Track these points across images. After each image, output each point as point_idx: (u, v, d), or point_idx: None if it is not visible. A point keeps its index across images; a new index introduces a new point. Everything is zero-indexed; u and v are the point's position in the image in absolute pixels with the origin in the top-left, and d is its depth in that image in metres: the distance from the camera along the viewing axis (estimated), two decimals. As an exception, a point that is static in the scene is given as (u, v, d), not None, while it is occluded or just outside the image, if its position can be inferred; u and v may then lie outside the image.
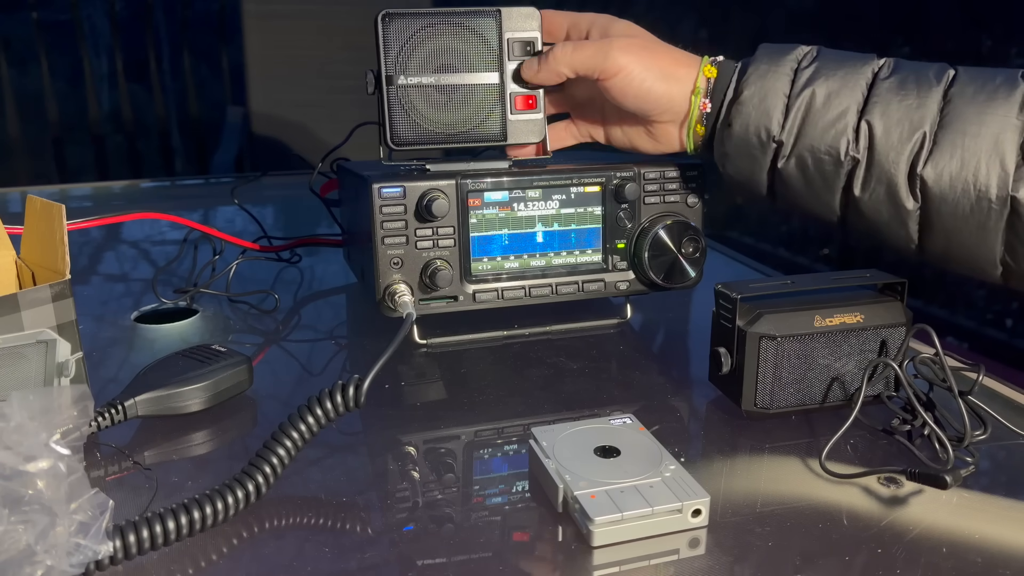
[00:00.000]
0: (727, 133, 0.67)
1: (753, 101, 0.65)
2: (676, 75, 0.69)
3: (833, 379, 0.62)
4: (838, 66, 0.64)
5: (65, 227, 0.58)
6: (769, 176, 0.67)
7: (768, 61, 0.66)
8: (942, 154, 0.59)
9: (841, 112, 0.62)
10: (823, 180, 0.64)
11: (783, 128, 0.64)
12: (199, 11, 3.08)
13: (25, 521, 0.41)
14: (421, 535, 0.49)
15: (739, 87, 0.66)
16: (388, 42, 0.70)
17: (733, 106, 0.66)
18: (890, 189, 0.61)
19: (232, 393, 0.64)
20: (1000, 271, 0.60)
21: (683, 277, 0.76)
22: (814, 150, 0.63)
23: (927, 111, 0.60)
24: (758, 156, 0.66)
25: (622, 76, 0.68)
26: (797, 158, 0.64)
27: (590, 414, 0.64)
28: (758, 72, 0.65)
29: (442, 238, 0.71)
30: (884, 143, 0.61)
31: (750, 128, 0.65)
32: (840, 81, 0.63)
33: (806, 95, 0.63)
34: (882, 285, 0.65)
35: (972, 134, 0.58)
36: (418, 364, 0.74)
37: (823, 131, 0.63)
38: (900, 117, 0.61)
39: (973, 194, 0.58)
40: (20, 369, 0.55)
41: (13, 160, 2.85)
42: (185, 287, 0.92)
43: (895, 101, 0.61)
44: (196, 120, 3.13)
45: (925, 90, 0.61)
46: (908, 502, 0.53)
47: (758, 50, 0.68)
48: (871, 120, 0.61)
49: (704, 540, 0.49)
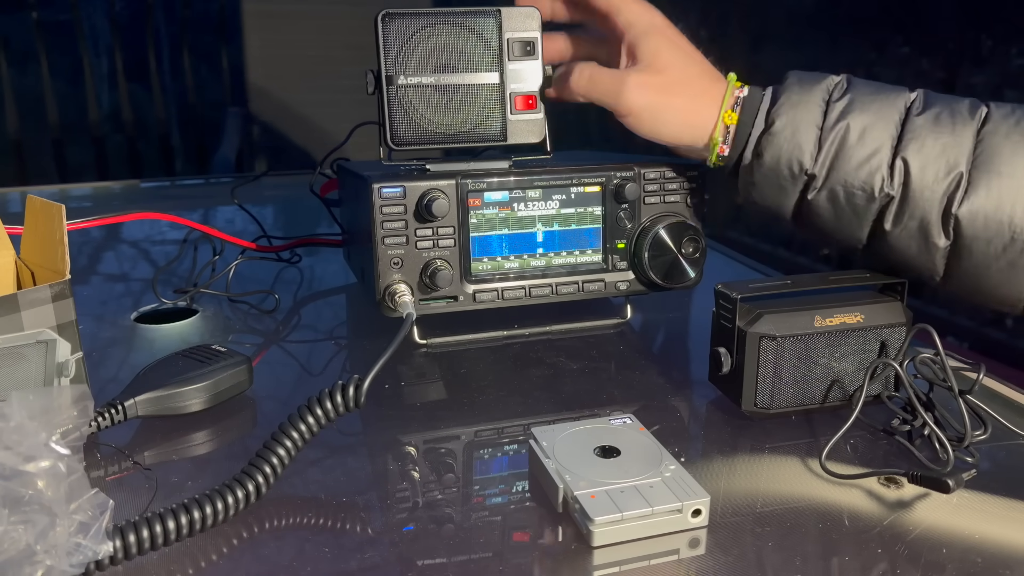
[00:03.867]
0: (758, 163, 0.65)
1: (785, 133, 0.64)
2: (692, 123, 0.67)
3: (833, 379, 0.62)
4: (871, 100, 0.63)
5: (65, 227, 0.58)
6: (796, 207, 0.66)
7: (800, 90, 0.64)
8: (977, 194, 0.59)
9: (876, 148, 0.62)
10: (854, 213, 0.63)
11: (816, 161, 0.63)
12: (199, 11, 3.08)
13: (25, 521, 0.41)
14: (421, 535, 0.49)
15: (770, 117, 0.65)
16: (388, 42, 0.70)
17: (764, 136, 0.65)
18: (922, 226, 0.61)
19: (232, 393, 0.64)
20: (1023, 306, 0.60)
21: (683, 277, 0.76)
22: (847, 185, 0.62)
23: (962, 149, 0.60)
24: (788, 187, 0.65)
25: (633, 119, 0.68)
26: (829, 191, 0.63)
27: (590, 414, 0.64)
28: (790, 102, 0.64)
29: (442, 238, 0.71)
30: (920, 181, 0.60)
31: (782, 160, 0.64)
32: (874, 115, 0.62)
33: (840, 129, 0.62)
34: (882, 285, 0.65)
35: (1008, 174, 0.58)
36: (418, 364, 0.74)
37: (857, 167, 0.62)
38: (936, 155, 0.60)
39: (1008, 234, 0.58)
40: (20, 369, 0.55)
41: (13, 160, 2.84)
42: (185, 287, 0.92)
43: (931, 138, 0.61)
44: (196, 120, 3.13)
45: (960, 127, 0.60)
46: (908, 503, 0.53)
47: (788, 77, 0.66)
48: (907, 157, 0.61)
49: (704, 540, 0.49)
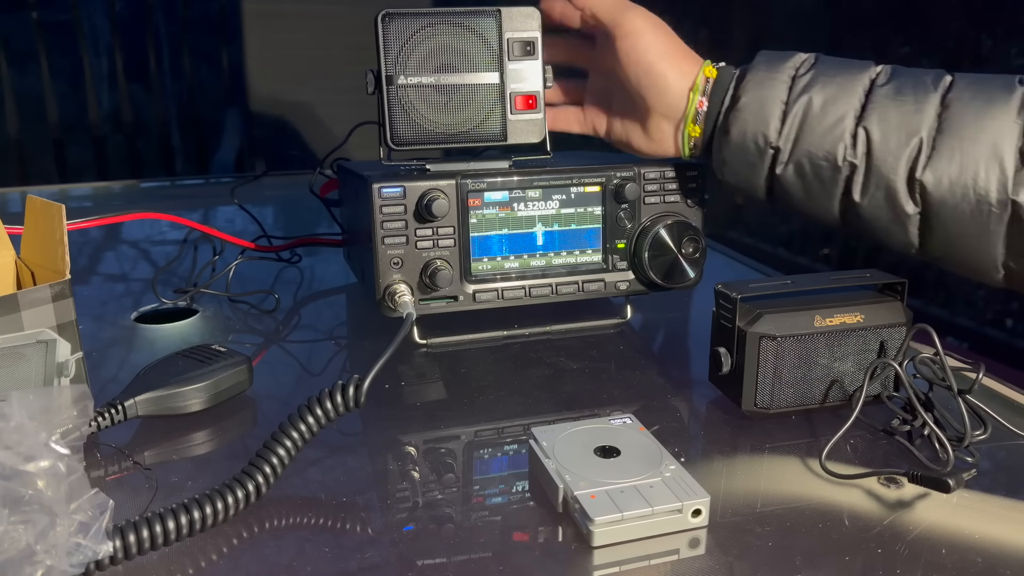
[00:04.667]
0: (725, 140, 0.67)
1: (751, 108, 0.65)
2: (679, 64, 0.69)
3: (833, 379, 0.62)
4: (835, 73, 0.64)
5: (65, 227, 0.58)
6: (767, 182, 0.67)
7: (766, 68, 0.66)
8: (941, 159, 0.59)
9: (838, 118, 0.63)
10: (821, 185, 0.64)
11: (780, 134, 0.64)
12: (199, 11, 3.07)
13: (25, 521, 0.41)
14: (421, 535, 0.49)
15: (737, 93, 0.66)
16: (388, 42, 0.70)
17: (731, 113, 0.66)
18: (889, 194, 0.61)
19: (232, 393, 0.64)
20: (1002, 274, 0.60)
21: (683, 277, 0.76)
22: (812, 156, 0.64)
23: (924, 116, 0.60)
24: (756, 162, 0.66)
25: (633, 38, 0.69)
26: (795, 164, 0.64)
27: (590, 414, 0.64)
28: (756, 79, 0.66)
29: (442, 238, 0.71)
30: (882, 148, 0.61)
31: (747, 135, 0.66)
32: (837, 88, 0.63)
33: (803, 101, 0.64)
34: (882, 285, 0.65)
35: (970, 138, 0.59)
36: (418, 364, 0.74)
37: (820, 137, 0.63)
38: (897, 123, 0.61)
39: (973, 198, 0.58)
40: (20, 369, 0.55)
41: (13, 160, 2.84)
42: (185, 287, 0.92)
43: (892, 107, 0.61)
44: (196, 120, 3.13)
45: (922, 96, 0.61)
46: (908, 502, 0.53)
47: (757, 57, 0.68)
48: (868, 126, 0.62)
49: (704, 540, 0.49)
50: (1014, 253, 0.59)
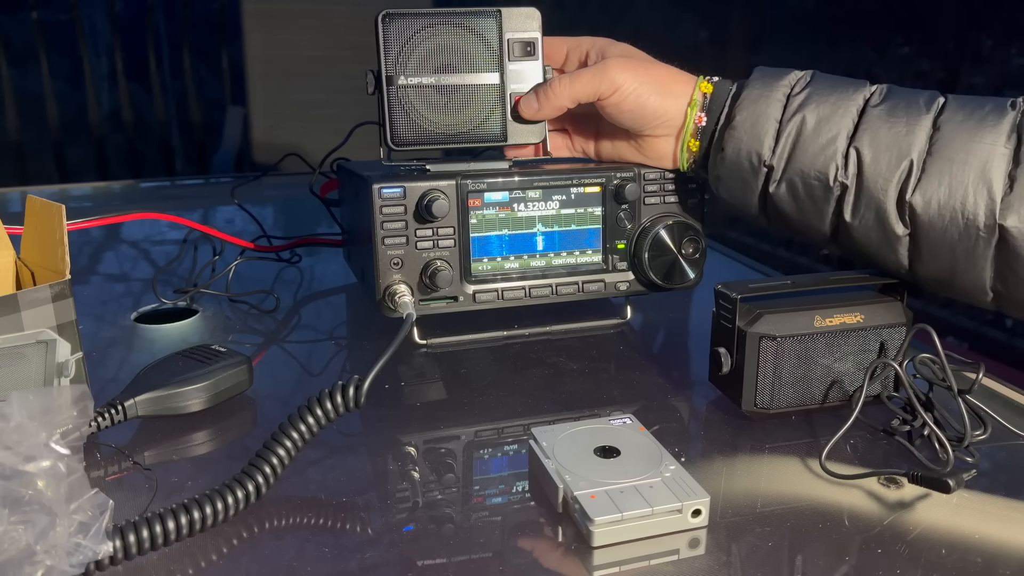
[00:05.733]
0: (720, 157, 0.67)
1: (745, 126, 0.65)
2: (672, 90, 0.69)
3: (833, 379, 0.62)
4: (830, 92, 0.64)
5: (65, 227, 0.58)
6: (761, 200, 0.67)
7: (761, 85, 0.66)
8: (930, 181, 0.59)
9: (831, 138, 0.63)
10: (813, 204, 0.64)
11: (774, 153, 0.65)
12: (199, 11, 3.08)
13: (25, 521, 0.41)
14: (421, 535, 0.49)
15: (732, 111, 0.66)
16: (388, 42, 0.70)
17: (726, 130, 0.66)
18: (879, 215, 0.61)
19: (232, 393, 0.64)
20: (991, 297, 0.60)
21: (683, 278, 0.76)
22: (804, 175, 0.64)
23: (915, 138, 0.60)
24: (750, 180, 0.66)
25: (619, 94, 0.69)
26: (788, 183, 0.65)
27: (590, 414, 0.64)
28: (751, 97, 0.66)
29: (442, 238, 0.71)
30: (872, 170, 0.61)
31: (742, 152, 0.66)
32: (831, 107, 0.63)
33: (797, 120, 0.64)
34: (882, 285, 0.65)
35: (960, 162, 0.58)
36: (418, 364, 0.74)
37: (813, 157, 0.63)
38: (888, 144, 0.61)
39: (961, 221, 0.58)
40: (20, 369, 0.55)
41: (13, 160, 2.85)
42: (185, 287, 0.92)
43: (884, 128, 0.61)
44: (196, 120, 3.13)
45: (914, 117, 0.61)
46: (908, 503, 0.53)
47: (753, 73, 0.68)
48: (860, 147, 0.62)
49: (704, 540, 0.49)
50: (1002, 277, 0.59)
